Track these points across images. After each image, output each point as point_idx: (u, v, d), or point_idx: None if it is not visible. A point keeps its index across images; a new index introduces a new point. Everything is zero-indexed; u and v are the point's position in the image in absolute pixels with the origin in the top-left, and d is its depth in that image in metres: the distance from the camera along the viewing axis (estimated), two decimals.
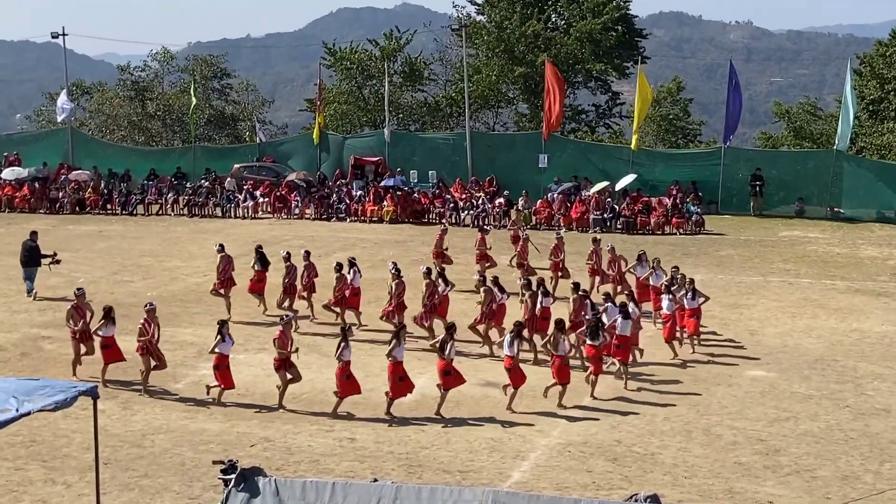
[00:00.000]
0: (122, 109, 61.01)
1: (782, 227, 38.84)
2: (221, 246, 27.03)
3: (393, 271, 24.69)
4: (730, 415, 19.11)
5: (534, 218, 39.83)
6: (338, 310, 25.24)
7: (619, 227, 39.06)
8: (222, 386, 19.70)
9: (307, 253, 26.51)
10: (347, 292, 25.04)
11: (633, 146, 43.07)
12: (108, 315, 20.89)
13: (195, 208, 43.31)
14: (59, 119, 51.61)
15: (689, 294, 23.01)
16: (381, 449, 17.42)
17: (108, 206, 44.37)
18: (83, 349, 21.52)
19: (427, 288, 23.72)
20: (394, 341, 19.01)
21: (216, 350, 19.63)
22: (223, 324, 19.96)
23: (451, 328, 19.65)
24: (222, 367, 19.65)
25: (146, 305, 20.95)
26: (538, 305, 23.05)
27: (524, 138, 46.76)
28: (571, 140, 49.01)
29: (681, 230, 38.27)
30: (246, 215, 42.68)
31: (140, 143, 58.28)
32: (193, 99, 50.56)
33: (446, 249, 30.17)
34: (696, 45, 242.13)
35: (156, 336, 20.48)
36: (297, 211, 42.26)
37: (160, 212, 43.74)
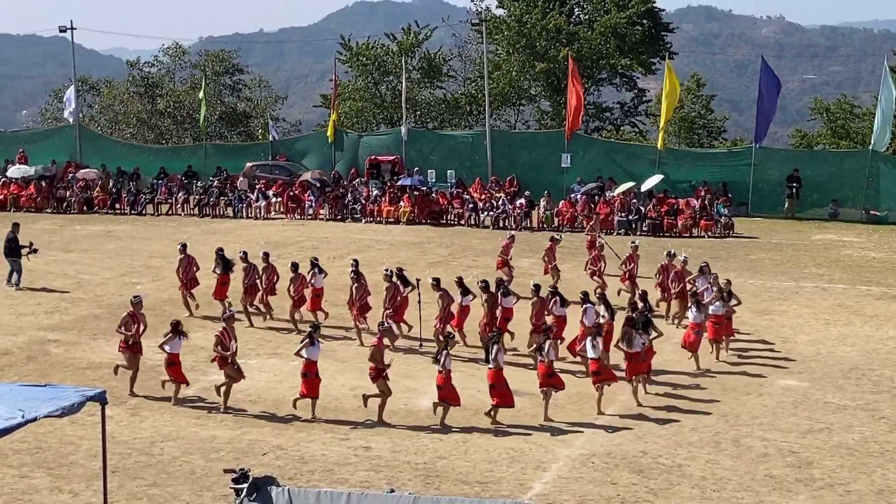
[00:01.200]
0: (132, 106, 60.53)
1: (815, 230, 38.29)
2: (184, 246, 27.08)
3: (353, 274, 24.45)
4: (760, 425, 18.65)
5: (556, 220, 38.93)
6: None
7: (644, 229, 38.31)
8: (305, 393, 19.00)
9: (266, 254, 26.40)
10: (308, 293, 24.85)
11: (659, 145, 42.08)
12: (176, 330, 19.93)
13: (206, 208, 42.94)
14: (66, 114, 50.95)
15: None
16: (397, 458, 17.11)
17: (117, 206, 44.13)
18: (136, 361, 20.56)
19: (388, 291, 23.51)
20: (495, 346, 18.67)
21: (303, 354, 18.95)
22: (315, 328, 19.46)
23: (548, 330, 19.48)
24: (310, 375, 18.95)
25: (224, 313, 20.36)
26: (499, 306, 22.88)
27: (546, 137, 46.15)
28: (595, 139, 48.31)
29: (709, 233, 37.51)
30: (258, 215, 42.22)
31: (150, 141, 58.51)
32: (201, 94, 49.77)
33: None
34: (725, 41, 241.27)
35: (234, 349, 19.62)
36: (310, 211, 41.70)
37: (170, 212, 43.63)
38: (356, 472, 16.38)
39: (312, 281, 24.95)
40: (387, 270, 24.21)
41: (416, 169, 43.85)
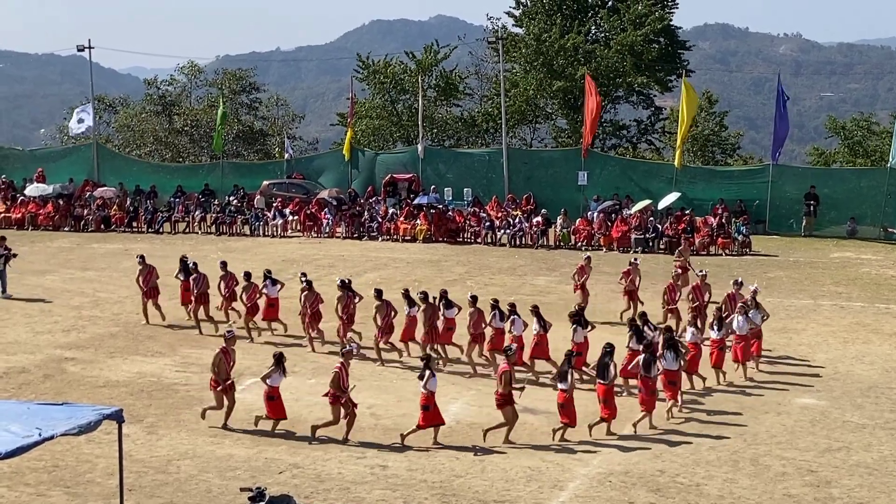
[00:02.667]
0: (149, 124, 60.62)
1: (833, 248, 38.09)
2: (142, 257, 27.69)
3: (304, 283, 25.12)
4: (779, 444, 18.47)
5: (573, 238, 38.79)
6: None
7: (661, 247, 38.16)
8: (423, 424, 18.44)
9: (223, 263, 27.02)
10: (262, 303, 25.57)
11: (676, 163, 41.86)
12: (280, 363, 19.00)
13: (223, 226, 43.02)
14: (76, 130, 51.22)
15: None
16: (413, 477, 16.95)
17: (134, 224, 44.23)
18: (226, 401, 19.62)
19: (340, 301, 23.96)
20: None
21: (426, 388, 18.28)
22: (429, 358, 18.94)
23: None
24: (431, 407, 18.35)
25: (343, 348, 19.62)
26: (441, 317, 23.22)
27: (563, 155, 46.01)
28: (612, 156, 48.10)
29: (727, 251, 37.29)
30: (275, 234, 42.15)
31: (167, 159, 58.67)
32: (217, 116, 49.86)
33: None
34: (742, 58, 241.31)
35: (348, 385, 18.82)
36: (327, 229, 41.65)
37: (187, 230, 43.71)
38: (373, 491, 16.26)
39: (265, 291, 25.56)
40: (339, 281, 24.65)
41: (432, 187, 43.88)
